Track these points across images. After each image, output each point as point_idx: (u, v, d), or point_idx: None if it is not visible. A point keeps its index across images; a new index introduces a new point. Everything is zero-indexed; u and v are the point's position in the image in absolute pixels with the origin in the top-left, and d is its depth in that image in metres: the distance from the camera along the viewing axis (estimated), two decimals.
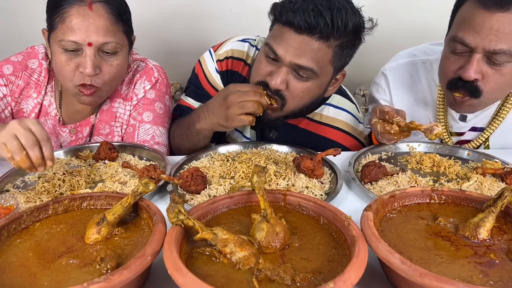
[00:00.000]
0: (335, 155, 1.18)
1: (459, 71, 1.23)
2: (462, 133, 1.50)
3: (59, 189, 1.11)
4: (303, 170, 1.17)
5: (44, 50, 1.45)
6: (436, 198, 0.93)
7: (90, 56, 1.24)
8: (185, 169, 1.15)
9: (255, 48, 1.51)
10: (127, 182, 1.15)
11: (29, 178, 1.19)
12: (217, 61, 1.52)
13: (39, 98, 1.43)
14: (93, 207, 0.91)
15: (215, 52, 1.53)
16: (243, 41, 1.53)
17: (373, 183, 1.16)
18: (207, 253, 0.74)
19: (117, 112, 1.50)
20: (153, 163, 1.24)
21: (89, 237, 0.79)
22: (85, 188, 1.13)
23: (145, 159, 1.34)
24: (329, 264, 0.72)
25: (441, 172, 1.25)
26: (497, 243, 0.79)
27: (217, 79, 1.52)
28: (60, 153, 1.33)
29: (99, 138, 1.49)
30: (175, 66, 2.14)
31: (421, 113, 1.53)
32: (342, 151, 1.19)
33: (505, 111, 1.41)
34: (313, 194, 1.10)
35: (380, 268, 0.81)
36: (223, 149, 1.38)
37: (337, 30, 1.17)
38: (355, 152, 1.35)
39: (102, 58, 1.28)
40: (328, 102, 1.51)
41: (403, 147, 1.40)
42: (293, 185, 1.13)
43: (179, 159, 1.29)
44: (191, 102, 1.53)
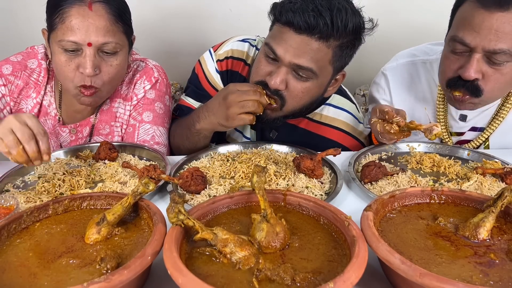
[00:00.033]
0: (335, 155, 1.18)
1: (459, 71, 1.23)
2: (462, 133, 1.50)
3: (59, 189, 1.11)
4: (303, 170, 1.17)
5: (43, 50, 1.45)
6: (436, 198, 0.93)
7: (90, 56, 1.24)
8: (185, 169, 1.15)
9: (255, 48, 1.51)
10: (127, 182, 1.15)
11: (29, 178, 1.19)
12: (217, 61, 1.52)
13: (38, 98, 1.43)
14: (93, 207, 0.91)
15: (215, 52, 1.53)
16: (243, 41, 1.53)
17: (373, 183, 1.16)
18: (207, 253, 0.74)
19: (117, 112, 1.49)
20: (153, 163, 1.24)
21: (89, 237, 0.79)
22: (85, 188, 1.13)
23: (145, 159, 1.34)
24: (329, 264, 0.72)
25: (441, 172, 1.25)
26: (497, 243, 0.79)
27: (217, 79, 1.52)
28: (60, 153, 1.33)
29: (99, 138, 1.49)
30: (175, 66, 2.14)
31: (421, 113, 1.53)
32: (342, 151, 1.19)
33: (505, 111, 1.41)
34: (313, 194, 1.10)
35: (380, 268, 0.81)
36: (223, 149, 1.38)
37: (336, 30, 1.16)
38: (355, 152, 1.34)
39: (102, 58, 1.28)
40: (328, 102, 1.51)
41: (403, 147, 1.40)
42: (293, 185, 1.13)
43: (179, 159, 1.29)
44: (191, 102, 1.53)
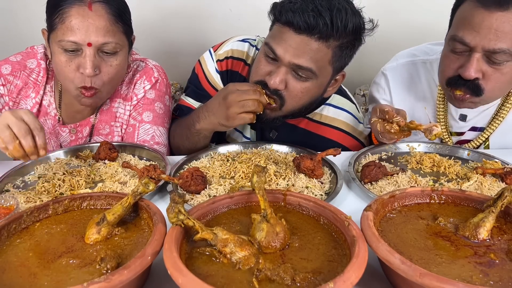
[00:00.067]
0: (335, 155, 1.18)
1: (459, 70, 1.23)
2: (462, 133, 1.50)
3: (59, 189, 1.11)
4: (303, 170, 1.17)
5: (43, 50, 1.45)
6: (436, 198, 0.93)
7: (89, 56, 1.24)
8: (185, 169, 1.15)
9: (255, 48, 1.51)
10: (127, 182, 1.15)
11: (29, 178, 1.19)
12: (217, 61, 1.51)
13: (37, 98, 1.43)
14: (93, 207, 0.91)
15: (215, 52, 1.53)
16: (243, 41, 1.53)
17: (373, 183, 1.16)
18: (207, 253, 0.74)
19: (117, 112, 1.49)
20: (153, 163, 1.24)
21: (89, 237, 0.79)
22: (85, 188, 1.13)
23: (145, 159, 1.34)
24: (329, 264, 0.72)
25: (441, 172, 1.25)
26: (497, 243, 0.79)
27: (217, 79, 1.52)
28: (60, 153, 1.33)
29: (99, 138, 1.49)
30: (175, 66, 2.14)
31: (421, 113, 1.53)
32: (342, 151, 1.19)
33: (505, 111, 1.41)
34: (313, 194, 1.10)
35: (380, 268, 0.81)
36: (223, 149, 1.38)
37: (336, 30, 1.16)
38: (355, 152, 1.34)
39: (101, 58, 1.28)
40: (328, 102, 1.51)
41: (403, 147, 1.40)
42: (293, 185, 1.13)
43: (179, 159, 1.29)
44: (191, 102, 1.53)
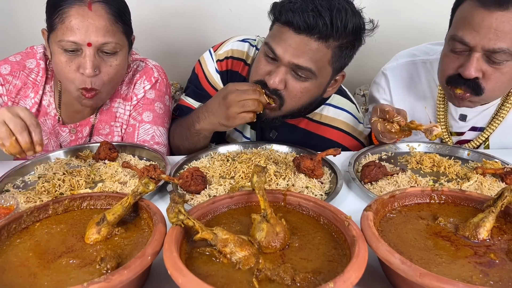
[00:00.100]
0: (335, 155, 1.18)
1: (459, 69, 1.23)
2: (462, 132, 1.50)
3: (59, 189, 1.11)
4: (303, 170, 1.17)
5: (42, 50, 1.45)
6: (436, 198, 0.92)
7: (89, 56, 1.23)
8: (185, 169, 1.15)
9: (255, 48, 1.51)
10: (127, 182, 1.15)
11: (29, 178, 1.19)
12: (217, 61, 1.52)
13: (36, 98, 1.43)
14: (93, 207, 0.91)
15: (215, 52, 1.53)
16: (243, 41, 1.53)
17: (373, 183, 1.16)
18: (207, 253, 0.74)
19: (117, 112, 1.49)
20: (153, 163, 1.24)
21: (89, 237, 0.79)
22: (85, 188, 1.13)
23: (145, 159, 1.34)
24: (329, 264, 0.72)
25: (441, 172, 1.25)
26: (497, 243, 0.79)
27: (217, 79, 1.52)
28: (60, 153, 1.33)
29: (99, 138, 1.48)
30: (175, 66, 2.14)
31: (421, 113, 1.53)
32: (342, 151, 1.19)
33: (505, 110, 1.41)
34: (313, 194, 1.10)
35: (380, 268, 0.81)
36: (223, 149, 1.38)
37: (336, 31, 1.16)
38: (355, 152, 1.34)
39: (101, 58, 1.28)
40: (328, 102, 1.51)
41: (403, 147, 1.40)
42: (293, 185, 1.13)
43: (179, 159, 1.29)
44: (191, 102, 1.53)
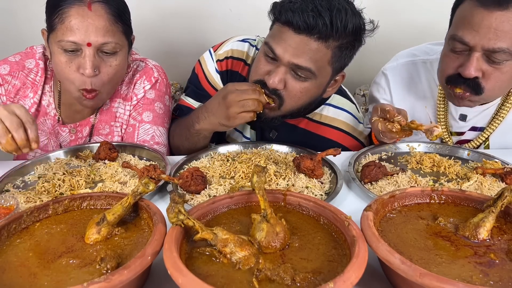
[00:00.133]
0: (335, 155, 1.18)
1: (459, 69, 1.23)
2: (462, 132, 1.50)
3: (59, 189, 1.11)
4: (303, 170, 1.17)
5: (42, 50, 1.45)
6: (436, 198, 0.92)
7: (89, 56, 1.23)
8: (185, 169, 1.15)
9: (255, 48, 1.51)
10: (127, 182, 1.15)
11: (29, 178, 1.19)
12: (217, 61, 1.52)
13: (35, 97, 1.43)
14: (93, 207, 0.91)
15: (215, 52, 1.53)
16: (243, 41, 1.53)
17: (373, 183, 1.16)
18: (207, 253, 0.74)
19: (117, 112, 1.49)
20: (153, 163, 1.24)
21: (89, 237, 0.79)
22: (85, 188, 1.13)
23: (145, 159, 1.34)
24: (329, 264, 0.72)
25: (441, 172, 1.25)
26: (497, 243, 0.79)
27: (217, 79, 1.52)
28: (60, 153, 1.33)
29: (99, 138, 1.48)
30: (175, 66, 2.14)
31: (421, 113, 1.53)
32: (342, 151, 1.19)
33: (505, 110, 1.41)
34: (313, 194, 1.10)
35: (380, 268, 0.81)
36: (223, 149, 1.38)
37: (336, 31, 1.16)
38: (355, 152, 1.34)
39: (101, 58, 1.28)
40: (328, 102, 1.51)
41: (403, 147, 1.40)
42: (293, 185, 1.13)
43: (179, 159, 1.29)
44: (191, 102, 1.53)
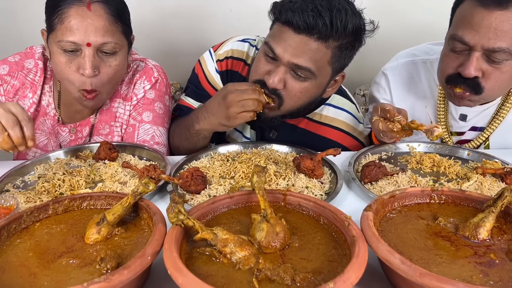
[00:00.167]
0: (335, 155, 1.18)
1: (459, 69, 1.23)
2: (462, 132, 1.50)
3: (59, 189, 1.11)
4: (303, 170, 1.17)
5: (41, 50, 1.45)
6: (436, 198, 0.92)
7: (89, 56, 1.23)
8: (185, 169, 1.15)
9: (255, 48, 1.51)
10: (127, 182, 1.15)
11: (29, 178, 1.19)
12: (217, 61, 1.51)
13: (34, 97, 1.43)
14: (93, 207, 0.91)
15: (215, 52, 1.53)
16: (243, 41, 1.53)
17: (373, 183, 1.16)
18: (207, 253, 0.74)
19: (116, 112, 1.49)
20: (153, 163, 1.24)
21: (89, 237, 0.79)
22: (85, 188, 1.13)
23: (145, 159, 1.34)
24: (329, 264, 0.72)
25: (441, 172, 1.25)
26: (497, 243, 0.79)
27: (217, 79, 1.52)
28: (60, 153, 1.33)
29: (99, 138, 1.48)
30: (175, 66, 2.14)
31: (421, 113, 1.53)
32: (342, 151, 1.19)
33: (505, 110, 1.41)
34: (313, 194, 1.10)
35: (380, 268, 0.81)
36: (223, 149, 1.38)
37: (336, 31, 1.16)
38: (355, 152, 1.34)
39: (101, 59, 1.27)
40: (328, 102, 1.51)
41: (403, 147, 1.40)
42: (293, 185, 1.13)
43: (179, 159, 1.29)
44: (191, 102, 1.53)
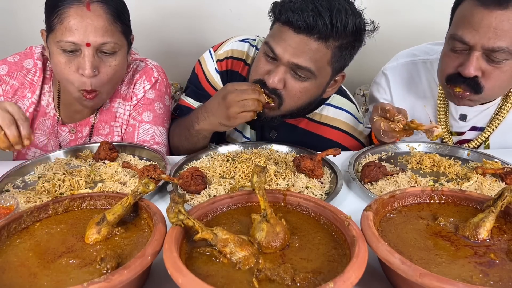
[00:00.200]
0: (335, 155, 1.18)
1: (459, 68, 1.23)
2: (462, 132, 1.50)
3: (59, 189, 1.11)
4: (303, 170, 1.17)
5: (40, 50, 1.45)
6: (436, 198, 0.92)
7: (88, 56, 1.23)
8: (185, 169, 1.15)
9: (255, 48, 1.51)
10: (127, 182, 1.15)
11: (29, 178, 1.19)
12: (217, 61, 1.51)
13: (33, 97, 1.43)
14: (93, 207, 0.91)
15: (215, 52, 1.53)
16: (243, 41, 1.53)
17: (373, 183, 1.16)
18: (207, 253, 0.74)
19: (116, 112, 1.49)
20: (153, 163, 1.24)
21: (89, 237, 0.79)
22: (85, 188, 1.13)
23: (145, 159, 1.34)
24: (329, 264, 0.72)
25: (441, 172, 1.25)
26: (497, 243, 0.79)
27: (217, 79, 1.52)
28: (60, 153, 1.33)
29: (99, 138, 1.48)
30: (175, 66, 2.14)
31: (421, 113, 1.53)
32: (342, 151, 1.19)
33: (505, 110, 1.41)
34: (313, 194, 1.10)
35: (380, 268, 0.81)
36: (223, 149, 1.38)
37: (336, 31, 1.16)
38: (355, 152, 1.34)
39: (100, 59, 1.27)
40: (328, 102, 1.51)
41: (403, 147, 1.40)
42: (293, 185, 1.13)
43: (179, 159, 1.29)
44: (191, 102, 1.53)
